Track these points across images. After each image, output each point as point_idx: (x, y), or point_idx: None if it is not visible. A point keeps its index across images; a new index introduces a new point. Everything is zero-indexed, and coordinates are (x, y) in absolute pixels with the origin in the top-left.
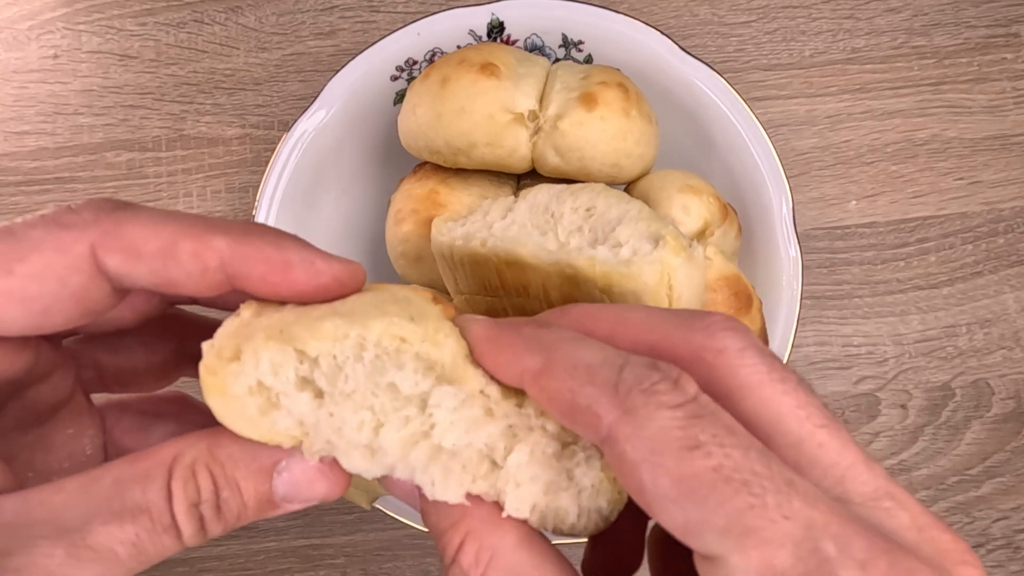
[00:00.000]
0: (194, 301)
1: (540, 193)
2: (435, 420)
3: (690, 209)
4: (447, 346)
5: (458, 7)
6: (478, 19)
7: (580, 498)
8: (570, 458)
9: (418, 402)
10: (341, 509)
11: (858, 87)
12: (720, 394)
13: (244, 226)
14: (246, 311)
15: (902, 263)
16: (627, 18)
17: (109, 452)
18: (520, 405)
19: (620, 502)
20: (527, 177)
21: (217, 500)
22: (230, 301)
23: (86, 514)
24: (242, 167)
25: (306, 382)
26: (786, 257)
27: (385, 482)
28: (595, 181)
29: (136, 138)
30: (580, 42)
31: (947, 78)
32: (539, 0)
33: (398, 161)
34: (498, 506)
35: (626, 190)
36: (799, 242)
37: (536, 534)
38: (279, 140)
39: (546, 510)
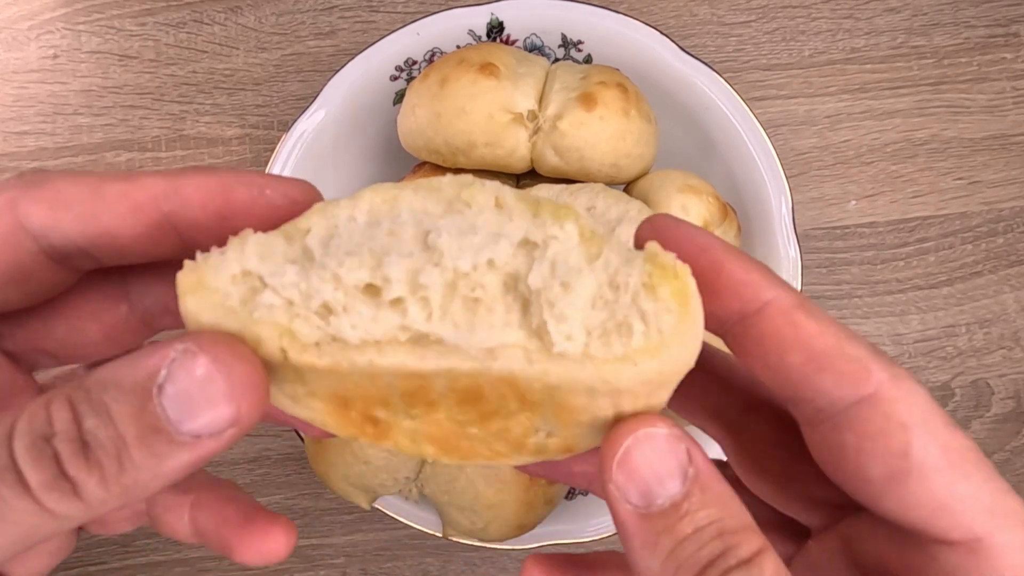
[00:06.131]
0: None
1: (540, 193)
2: (442, 248)
3: (689, 209)
4: (446, 182)
5: (458, 7)
6: (478, 19)
7: (638, 303)
8: (604, 268)
9: (421, 243)
10: (341, 509)
11: (857, 87)
12: None
13: (175, 169)
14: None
15: (902, 263)
16: (627, 18)
17: None
18: (537, 215)
19: (686, 294)
20: (527, 177)
21: (79, 431)
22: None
23: None
24: (242, 167)
25: (294, 263)
26: (785, 257)
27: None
28: (595, 181)
29: (136, 138)
30: (579, 42)
31: (946, 78)
32: (538, 0)
33: (398, 161)
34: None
35: (626, 190)
36: (798, 242)
37: None
38: (279, 140)
39: (606, 333)
